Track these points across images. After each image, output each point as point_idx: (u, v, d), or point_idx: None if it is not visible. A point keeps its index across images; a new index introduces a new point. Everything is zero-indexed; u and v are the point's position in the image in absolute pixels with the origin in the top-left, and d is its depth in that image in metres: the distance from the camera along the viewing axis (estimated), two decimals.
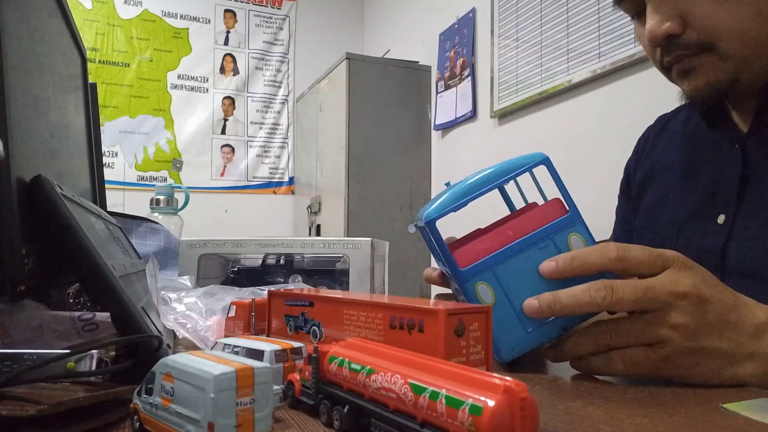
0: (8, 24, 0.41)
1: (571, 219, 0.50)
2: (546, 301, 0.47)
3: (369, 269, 0.85)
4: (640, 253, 0.46)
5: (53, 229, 0.41)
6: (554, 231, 0.50)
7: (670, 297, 0.44)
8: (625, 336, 0.46)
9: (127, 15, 3.67)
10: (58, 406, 0.30)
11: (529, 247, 0.49)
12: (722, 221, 0.68)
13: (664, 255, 0.46)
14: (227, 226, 3.73)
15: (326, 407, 0.35)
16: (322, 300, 0.50)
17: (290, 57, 4.09)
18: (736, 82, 0.61)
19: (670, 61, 0.63)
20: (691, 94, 0.64)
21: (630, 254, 0.45)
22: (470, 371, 0.28)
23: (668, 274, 0.45)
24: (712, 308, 0.45)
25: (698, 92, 0.63)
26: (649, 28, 0.61)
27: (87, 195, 0.72)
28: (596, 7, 1.96)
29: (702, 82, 0.62)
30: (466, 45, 2.81)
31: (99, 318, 0.45)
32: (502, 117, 2.54)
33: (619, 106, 1.92)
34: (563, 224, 0.50)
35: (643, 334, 0.45)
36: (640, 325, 0.45)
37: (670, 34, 0.60)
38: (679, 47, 0.61)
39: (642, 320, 0.45)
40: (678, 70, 0.64)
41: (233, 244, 0.89)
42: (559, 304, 0.46)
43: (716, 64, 0.60)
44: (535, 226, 0.50)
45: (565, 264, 0.47)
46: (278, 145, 4.04)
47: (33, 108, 0.47)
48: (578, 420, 0.36)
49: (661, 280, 0.44)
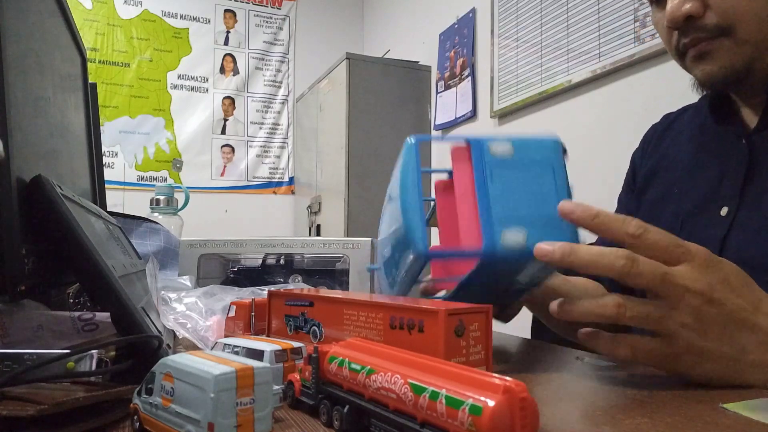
0: (8, 24, 0.41)
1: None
2: (562, 249, 0.44)
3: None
4: (659, 237, 0.44)
5: (53, 229, 0.41)
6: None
7: (684, 291, 0.43)
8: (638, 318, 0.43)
9: (127, 15, 3.67)
10: (58, 406, 0.30)
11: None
12: (725, 213, 0.68)
13: (684, 246, 0.44)
14: (227, 226, 3.73)
15: (326, 407, 0.35)
16: (322, 300, 0.50)
17: (290, 57, 4.09)
18: (750, 70, 0.62)
19: (686, 43, 0.64)
20: (705, 80, 0.65)
21: (649, 234, 0.44)
22: (470, 371, 0.28)
23: (689, 268, 0.43)
24: (725, 311, 0.43)
25: (712, 77, 0.64)
26: (670, 9, 0.63)
27: (87, 195, 0.72)
28: (596, 7, 1.96)
29: (717, 66, 0.63)
30: (466, 45, 2.81)
31: (99, 318, 0.45)
32: (502, 117, 2.54)
33: (619, 106, 1.92)
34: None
35: (657, 323, 0.43)
36: (655, 314, 0.43)
37: (691, 15, 0.62)
38: (698, 30, 0.62)
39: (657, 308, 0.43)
40: (694, 54, 0.64)
41: (233, 244, 0.89)
42: (574, 255, 0.44)
43: (732, 49, 0.62)
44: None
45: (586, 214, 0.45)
46: (278, 145, 4.04)
47: (33, 108, 0.47)
48: (578, 420, 0.36)
49: (681, 272, 0.43)
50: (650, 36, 1.73)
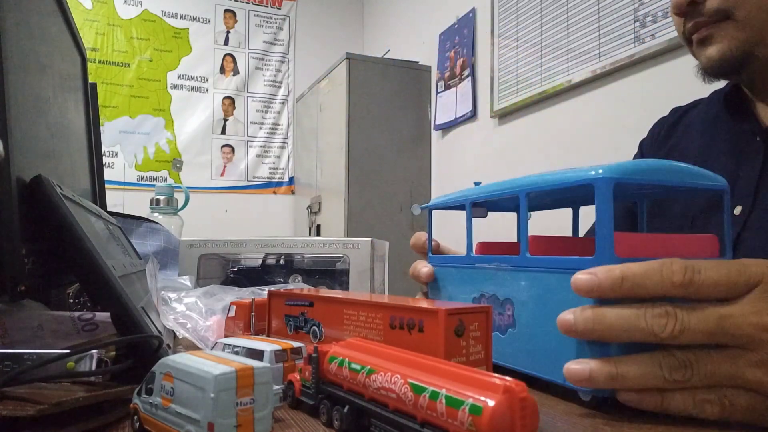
0: (8, 24, 0.41)
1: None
2: (587, 318, 0.36)
3: (369, 269, 0.85)
4: (715, 273, 0.35)
5: (53, 229, 0.41)
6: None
7: (756, 331, 0.34)
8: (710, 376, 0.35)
9: (127, 15, 3.67)
10: (58, 406, 0.30)
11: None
12: (738, 212, 0.67)
13: (746, 272, 0.35)
14: (227, 226, 3.73)
15: (326, 407, 0.35)
16: (322, 300, 0.50)
17: (290, 57, 4.09)
18: (750, 55, 0.63)
19: (690, 29, 0.65)
20: (706, 65, 0.66)
21: (701, 277, 0.35)
22: (470, 371, 0.28)
23: (752, 298, 0.35)
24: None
25: (712, 62, 0.65)
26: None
27: (87, 195, 0.72)
28: (596, 7, 1.96)
29: (716, 50, 0.64)
30: (466, 45, 2.81)
31: (99, 318, 0.45)
32: (502, 117, 2.54)
33: (619, 106, 1.92)
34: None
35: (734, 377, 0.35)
36: (728, 365, 0.35)
37: (693, 1, 0.63)
38: (699, 14, 0.63)
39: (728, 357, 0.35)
40: (697, 39, 0.65)
41: (233, 244, 0.89)
42: (601, 325, 0.36)
43: (732, 33, 0.62)
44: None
45: (611, 282, 0.35)
46: (278, 145, 4.04)
47: (33, 108, 0.47)
48: (578, 420, 0.36)
49: (742, 308, 0.35)
50: (650, 36, 1.73)
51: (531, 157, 2.36)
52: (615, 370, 0.35)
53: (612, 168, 0.38)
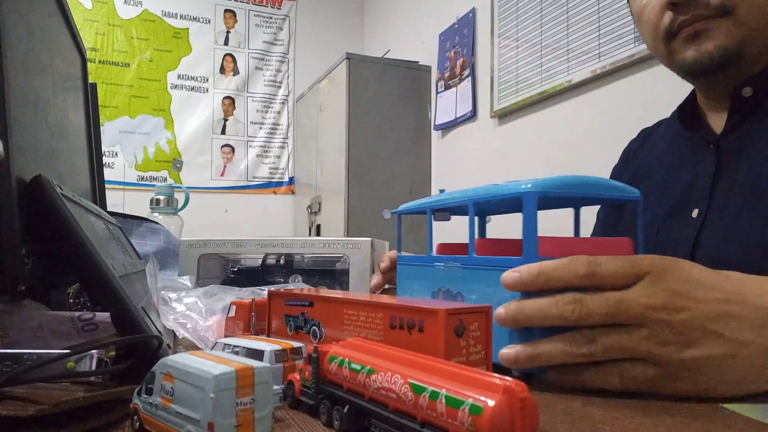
0: (8, 24, 0.41)
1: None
2: (511, 310, 0.43)
3: (369, 269, 0.84)
4: (612, 265, 0.42)
5: (53, 229, 0.41)
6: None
7: (645, 310, 0.40)
8: (610, 348, 0.41)
9: (127, 15, 3.67)
10: (58, 406, 0.30)
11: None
12: (696, 215, 0.71)
13: (638, 264, 0.41)
14: (227, 226, 3.73)
15: (326, 407, 0.35)
16: (322, 300, 0.50)
17: (290, 57, 4.09)
18: (741, 53, 0.64)
19: (685, 20, 0.66)
20: (699, 59, 0.66)
21: (601, 268, 0.42)
22: (470, 371, 0.28)
23: (643, 284, 0.41)
24: (698, 312, 0.40)
25: (707, 56, 0.66)
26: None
27: (87, 195, 0.72)
28: (596, 7, 1.96)
29: (713, 45, 0.65)
30: (466, 45, 2.81)
31: (99, 318, 0.45)
32: (502, 117, 2.54)
33: (619, 106, 1.92)
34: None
35: (632, 351, 0.41)
36: (625, 339, 0.41)
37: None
38: (700, 7, 0.64)
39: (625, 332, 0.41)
40: (689, 32, 0.66)
41: (233, 244, 0.89)
42: (523, 314, 0.43)
43: (730, 30, 0.64)
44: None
45: (530, 277, 0.43)
46: (278, 145, 4.04)
47: (33, 108, 0.47)
48: (578, 420, 0.36)
49: (635, 293, 0.41)
50: None
51: (531, 157, 2.36)
52: (534, 351, 0.43)
53: (537, 183, 0.46)
